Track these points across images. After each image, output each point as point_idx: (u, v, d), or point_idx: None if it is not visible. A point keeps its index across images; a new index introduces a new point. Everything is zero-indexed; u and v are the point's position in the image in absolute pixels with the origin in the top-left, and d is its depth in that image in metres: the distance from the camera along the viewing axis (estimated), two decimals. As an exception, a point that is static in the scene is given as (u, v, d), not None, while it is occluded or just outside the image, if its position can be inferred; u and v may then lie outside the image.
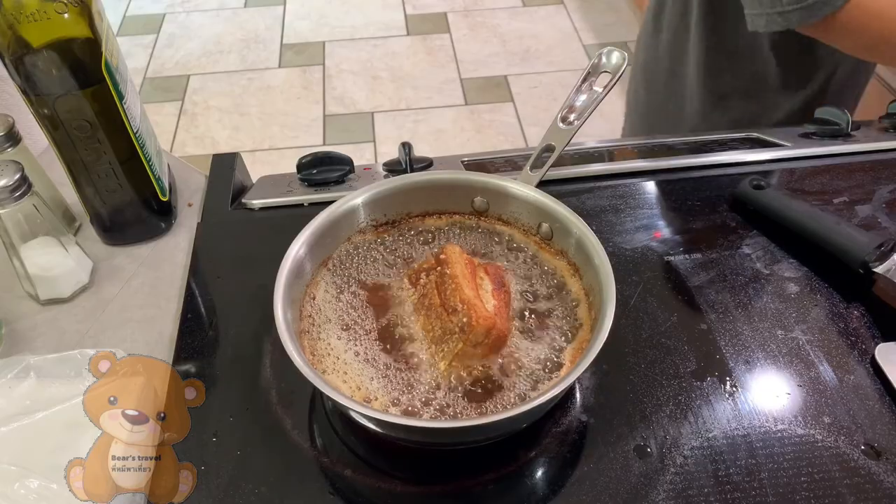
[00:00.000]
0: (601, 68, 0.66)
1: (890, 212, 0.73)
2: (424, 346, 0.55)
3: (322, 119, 2.53)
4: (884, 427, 0.55)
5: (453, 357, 0.53)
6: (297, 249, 0.57)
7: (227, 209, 0.76)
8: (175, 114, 2.57)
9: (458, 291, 0.54)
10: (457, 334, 0.53)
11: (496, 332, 0.53)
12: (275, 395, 0.58)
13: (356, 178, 0.78)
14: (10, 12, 0.56)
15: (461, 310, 0.53)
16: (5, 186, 0.58)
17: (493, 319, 0.53)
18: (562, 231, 0.60)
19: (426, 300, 0.56)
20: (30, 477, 0.49)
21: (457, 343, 0.53)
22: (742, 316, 0.63)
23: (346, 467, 0.54)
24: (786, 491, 0.51)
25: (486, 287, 0.57)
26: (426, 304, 0.56)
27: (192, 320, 0.64)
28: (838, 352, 0.60)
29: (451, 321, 0.53)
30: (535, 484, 0.53)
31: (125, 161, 0.67)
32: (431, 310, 0.55)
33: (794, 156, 0.81)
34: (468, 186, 0.64)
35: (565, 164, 0.79)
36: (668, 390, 0.57)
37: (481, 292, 0.56)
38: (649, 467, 0.52)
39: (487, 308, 0.54)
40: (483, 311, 0.53)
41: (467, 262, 0.57)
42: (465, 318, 0.52)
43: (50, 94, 0.60)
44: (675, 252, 0.70)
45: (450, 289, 0.54)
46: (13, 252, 0.64)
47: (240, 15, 3.11)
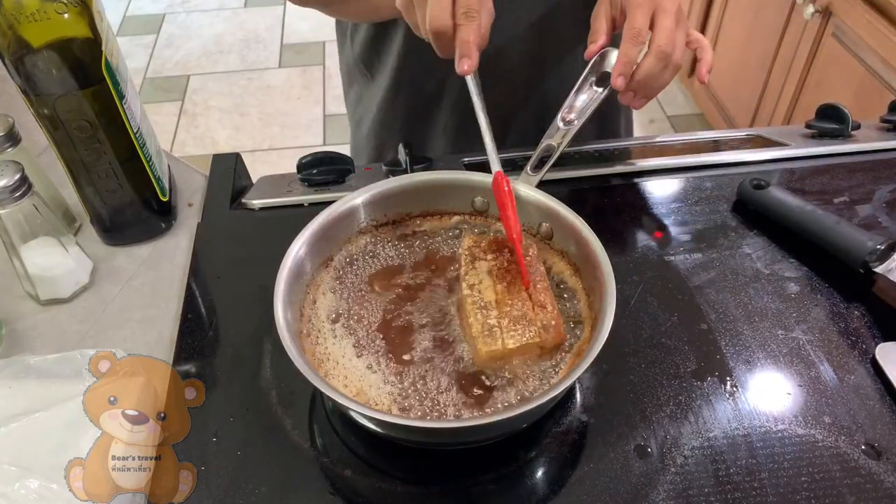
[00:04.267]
0: (601, 68, 0.67)
1: (890, 212, 0.73)
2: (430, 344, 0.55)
3: (322, 119, 2.53)
4: (884, 427, 0.55)
5: (521, 346, 0.53)
6: (297, 249, 0.57)
7: (227, 209, 0.76)
8: (175, 114, 2.57)
9: (549, 294, 0.55)
10: (535, 328, 0.53)
11: (553, 349, 0.54)
12: (275, 395, 0.58)
13: (356, 178, 0.78)
14: (10, 12, 0.56)
15: (550, 311, 0.54)
16: (5, 186, 0.58)
17: (565, 338, 0.55)
18: (562, 231, 0.60)
19: (508, 275, 0.57)
20: (30, 477, 0.49)
21: (533, 336, 0.53)
22: (742, 316, 0.63)
23: (346, 467, 0.54)
24: (786, 491, 0.51)
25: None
26: (507, 278, 0.56)
27: (192, 320, 0.64)
28: (838, 352, 0.60)
29: (534, 314, 0.54)
30: (535, 484, 0.53)
31: (125, 161, 0.67)
32: (513, 287, 0.56)
33: (794, 155, 0.81)
34: (468, 186, 0.64)
35: (565, 165, 0.79)
36: (668, 390, 0.57)
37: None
38: (649, 467, 0.52)
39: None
40: (562, 326, 0.54)
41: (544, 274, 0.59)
42: (553, 320, 0.54)
43: (50, 94, 0.60)
44: (675, 252, 0.70)
45: (541, 285, 0.56)
46: (13, 252, 0.64)
47: (240, 15, 3.11)
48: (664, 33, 0.62)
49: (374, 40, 0.88)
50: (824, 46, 1.62)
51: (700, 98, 2.34)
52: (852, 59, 1.52)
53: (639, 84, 0.63)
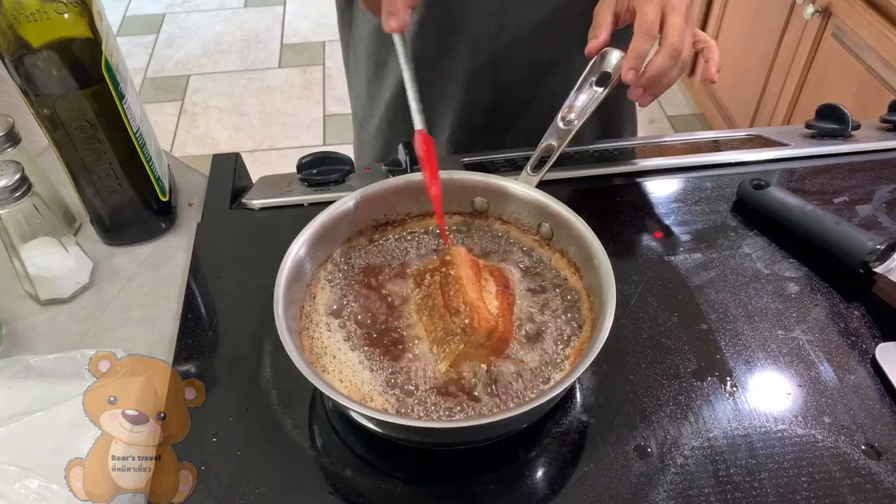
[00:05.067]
0: (601, 68, 0.67)
1: (890, 212, 0.73)
2: (426, 345, 0.55)
3: (322, 119, 2.53)
4: (884, 427, 0.55)
5: (454, 358, 0.53)
6: (297, 249, 0.57)
7: (227, 209, 0.76)
8: (175, 114, 2.57)
9: (462, 293, 0.54)
10: (459, 335, 0.53)
11: (498, 335, 0.53)
12: (275, 395, 0.58)
13: (356, 178, 0.78)
14: (10, 12, 0.56)
15: (464, 311, 0.53)
16: (5, 186, 0.58)
17: (496, 321, 0.53)
18: (562, 231, 0.60)
19: (430, 300, 0.56)
20: (30, 477, 0.49)
21: (458, 344, 0.52)
22: (742, 316, 0.63)
23: (346, 467, 0.54)
24: (786, 491, 0.51)
25: (490, 289, 0.57)
26: (429, 304, 0.56)
27: (192, 320, 0.64)
28: (838, 352, 0.60)
29: (453, 322, 0.53)
30: (535, 484, 0.53)
31: (125, 161, 0.67)
32: (434, 310, 0.55)
33: (794, 155, 0.81)
34: (468, 186, 0.64)
35: (566, 165, 0.79)
36: (668, 390, 0.57)
37: (485, 294, 0.55)
38: (650, 467, 0.52)
39: (490, 310, 0.54)
40: (485, 312, 0.53)
41: (472, 263, 0.57)
42: (467, 319, 0.52)
43: (50, 94, 0.60)
44: (675, 252, 0.70)
45: (453, 290, 0.54)
46: (13, 252, 0.64)
47: (240, 15, 3.11)
48: (675, 31, 0.62)
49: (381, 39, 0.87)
50: (824, 46, 1.63)
51: (700, 98, 2.34)
52: (852, 59, 1.52)
53: (649, 81, 0.63)
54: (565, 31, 0.81)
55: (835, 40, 1.58)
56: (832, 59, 1.61)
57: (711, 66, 0.73)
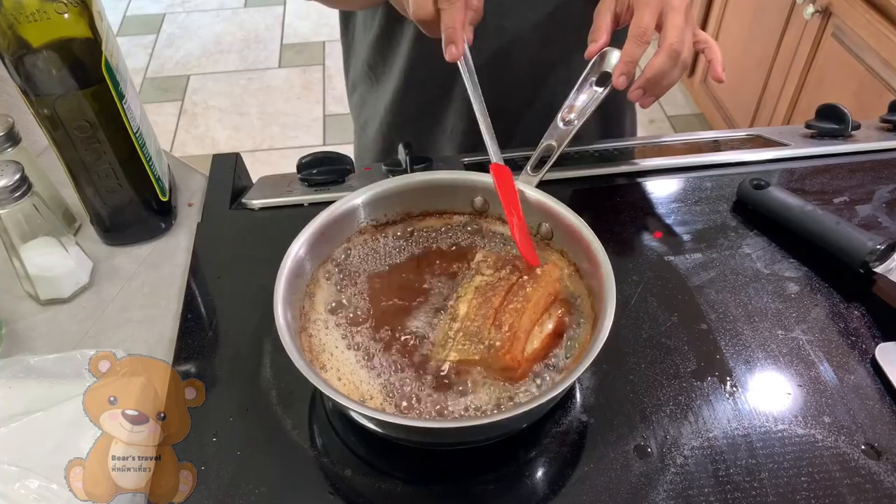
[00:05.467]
0: (601, 68, 0.67)
1: (890, 212, 0.73)
2: (429, 344, 0.55)
3: (322, 119, 2.53)
4: (884, 427, 0.55)
5: (465, 359, 0.52)
6: (297, 249, 0.57)
7: (227, 209, 0.76)
8: (175, 114, 2.57)
9: (518, 315, 0.53)
10: (483, 346, 0.52)
11: (509, 375, 0.52)
12: (275, 395, 0.58)
13: (356, 178, 0.78)
14: (10, 12, 0.56)
15: (504, 332, 0.52)
16: (5, 186, 0.58)
17: (519, 365, 0.52)
18: (562, 231, 0.60)
19: (490, 291, 0.55)
20: (30, 477, 0.49)
21: (475, 354, 0.52)
22: (742, 316, 0.63)
23: (346, 467, 0.54)
24: (786, 491, 0.51)
25: (544, 328, 0.55)
26: (487, 294, 0.55)
27: (192, 320, 0.64)
28: (838, 352, 0.60)
29: (489, 331, 0.52)
30: (535, 484, 0.53)
31: (125, 161, 0.67)
32: (486, 304, 0.54)
33: (794, 155, 0.81)
34: (468, 186, 0.64)
35: (566, 165, 0.79)
36: (668, 390, 0.57)
37: (536, 329, 0.54)
38: (649, 467, 0.52)
39: (526, 350, 0.53)
40: (519, 351, 0.52)
41: (552, 293, 0.56)
42: (498, 342, 0.52)
43: (50, 94, 0.60)
44: (675, 252, 0.70)
45: (515, 304, 0.53)
46: (13, 252, 0.64)
47: (240, 15, 3.11)
48: (675, 31, 0.62)
49: (383, 43, 0.87)
50: (824, 46, 1.63)
51: (700, 98, 2.34)
52: (852, 59, 1.52)
53: (649, 82, 0.63)
54: (566, 32, 0.81)
55: (835, 40, 1.58)
56: (832, 59, 1.61)
57: (717, 65, 0.73)
